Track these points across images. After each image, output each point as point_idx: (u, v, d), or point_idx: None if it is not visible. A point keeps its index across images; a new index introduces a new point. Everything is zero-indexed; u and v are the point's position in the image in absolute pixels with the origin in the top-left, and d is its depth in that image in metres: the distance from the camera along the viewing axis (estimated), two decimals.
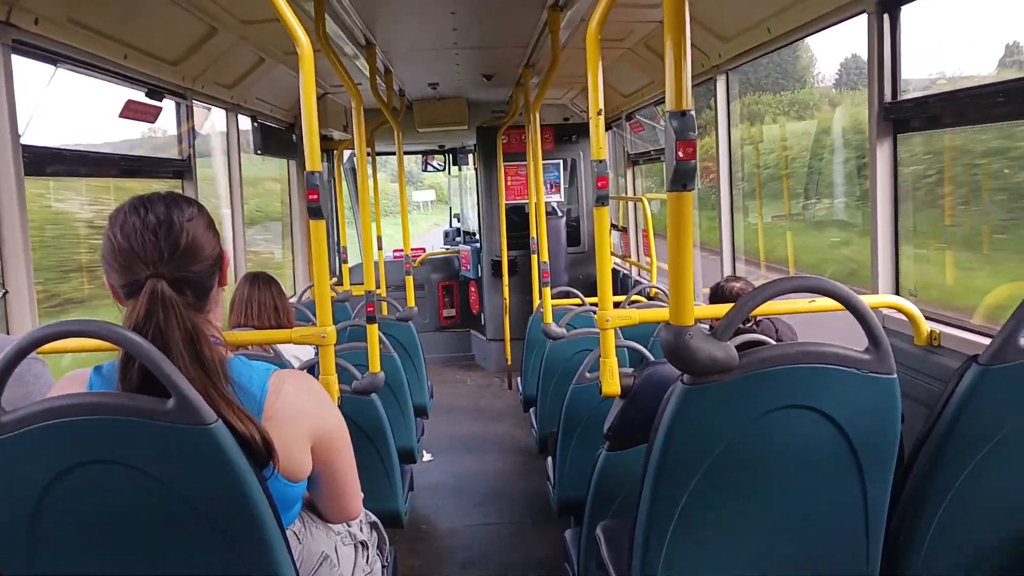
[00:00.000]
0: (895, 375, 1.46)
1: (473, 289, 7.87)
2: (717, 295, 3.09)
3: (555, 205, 7.42)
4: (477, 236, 7.89)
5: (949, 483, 1.60)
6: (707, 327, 1.45)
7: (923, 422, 1.63)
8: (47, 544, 1.27)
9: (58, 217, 4.46)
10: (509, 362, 6.78)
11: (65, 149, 3.06)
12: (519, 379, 5.01)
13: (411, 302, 5.03)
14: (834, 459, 1.48)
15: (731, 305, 1.45)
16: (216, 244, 1.43)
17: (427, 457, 5.17)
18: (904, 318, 2.46)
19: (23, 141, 2.55)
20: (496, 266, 7.07)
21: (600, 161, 2.45)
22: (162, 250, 1.33)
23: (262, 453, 1.31)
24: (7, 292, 2.02)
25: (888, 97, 2.69)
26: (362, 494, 1.72)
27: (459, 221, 9.23)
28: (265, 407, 1.39)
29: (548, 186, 7.34)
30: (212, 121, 4.68)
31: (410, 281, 5.16)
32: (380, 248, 6.39)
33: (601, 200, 2.51)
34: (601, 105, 2.33)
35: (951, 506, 1.62)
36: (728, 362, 1.37)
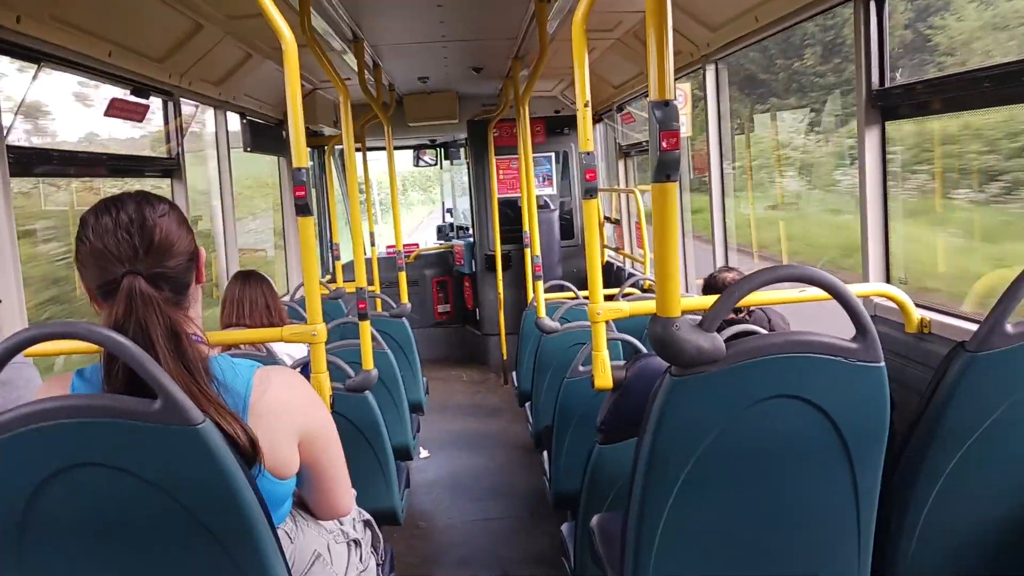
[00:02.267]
0: (883, 363, 1.45)
1: (467, 284, 7.85)
2: (710, 286, 3.09)
3: (547, 198, 7.40)
4: (470, 231, 7.88)
5: (939, 469, 1.60)
6: (700, 318, 1.45)
7: (914, 410, 1.63)
8: (37, 548, 1.26)
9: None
10: (505, 357, 6.78)
11: (51, 149, 3.04)
12: (515, 374, 5.00)
13: (404, 298, 5.02)
14: (823, 448, 1.48)
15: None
16: (191, 240, 1.43)
17: (424, 454, 5.17)
18: (895, 306, 2.46)
19: (8, 141, 2.53)
20: (490, 261, 7.05)
21: (588, 153, 2.44)
22: (136, 247, 1.32)
23: (248, 451, 1.30)
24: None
25: (876, 84, 2.68)
26: (353, 491, 1.71)
27: (452, 216, 9.21)
28: (251, 404, 1.38)
29: (540, 179, 7.32)
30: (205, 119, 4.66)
31: (403, 277, 5.15)
32: (373, 244, 6.37)
33: (590, 192, 2.50)
34: (588, 96, 2.31)
35: (941, 492, 1.62)
36: (715, 353, 1.36)
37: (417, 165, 8.98)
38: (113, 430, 1.21)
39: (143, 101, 3.50)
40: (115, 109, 3.31)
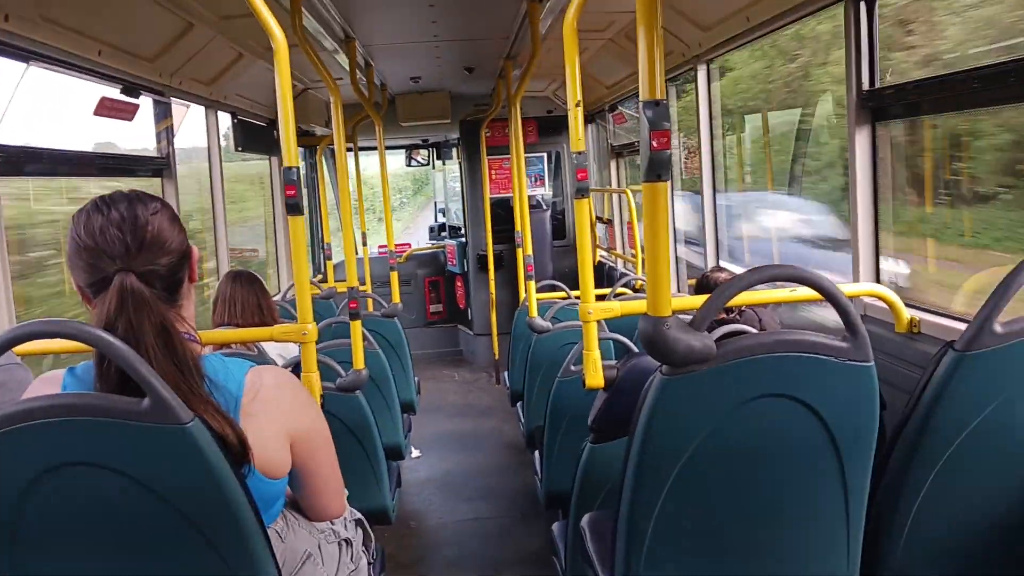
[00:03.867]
0: (872, 363, 1.46)
1: (459, 284, 7.85)
2: (702, 286, 3.10)
3: (540, 198, 7.41)
4: (462, 231, 7.87)
5: (928, 469, 1.61)
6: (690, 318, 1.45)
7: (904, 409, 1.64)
8: (28, 546, 1.26)
9: None
10: (496, 356, 6.78)
11: (41, 148, 3.02)
12: (506, 373, 5.00)
13: (396, 298, 5.01)
14: (813, 447, 1.49)
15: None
16: (183, 238, 1.42)
17: (415, 453, 5.16)
18: (885, 305, 2.47)
19: None
20: (482, 260, 7.05)
21: (580, 153, 2.44)
22: (128, 244, 1.32)
23: (237, 451, 1.30)
24: None
25: (866, 84, 2.69)
26: (346, 491, 1.71)
27: (444, 216, 9.20)
28: (243, 404, 1.38)
29: (532, 179, 7.32)
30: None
31: (395, 277, 5.14)
32: (364, 244, 6.36)
33: (581, 192, 2.50)
34: (580, 96, 2.31)
35: (930, 492, 1.63)
36: (706, 352, 1.37)
37: (409, 165, 8.97)
38: (102, 429, 1.20)
39: (133, 100, 3.49)
40: (105, 108, 3.30)
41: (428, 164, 8.91)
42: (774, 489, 1.53)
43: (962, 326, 2.32)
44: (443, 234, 8.72)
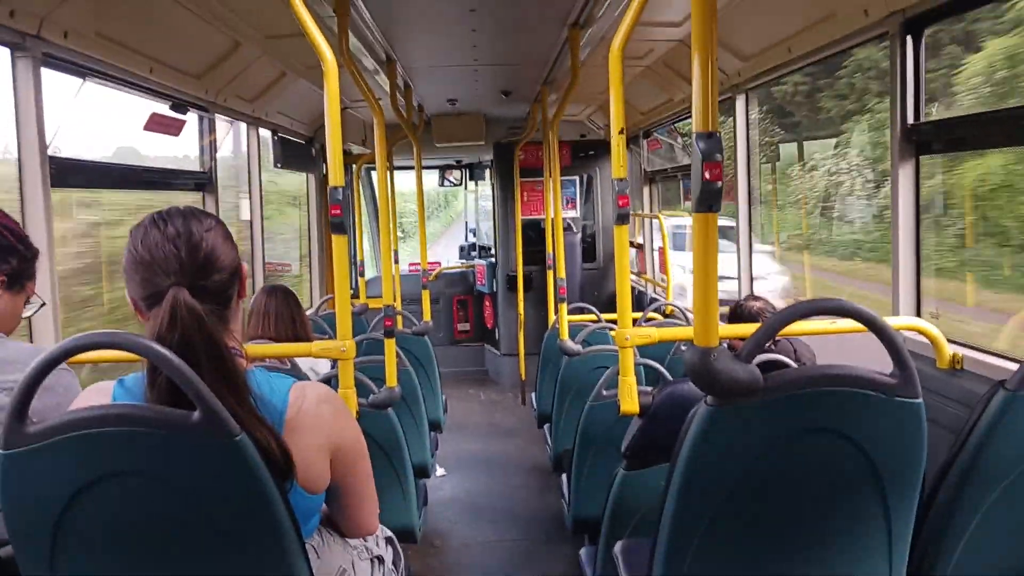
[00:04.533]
0: (921, 399, 1.44)
1: (488, 304, 7.87)
2: (737, 315, 3.08)
3: (571, 221, 7.42)
4: (492, 251, 7.91)
5: (974, 511, 1.57)
6: (725, 346, 1.45)
7: (945, 447, 1.61)
8: (70, 554, 1.27)
9: None
10: (523, 377, 6.77)
11: (90, 161, 3.10)
12: (533, 395, 4.99)
13: (427, 316, 5.03)
14: (858, 484, 1.47)
15: (753, 325, 1.44)
16: (235, 255, 1.45)
17: (440, 472, 5.15)
18: (926, 340, 2.44)
19: (50, 152, 2.59)
20: (511, 281, 7.07)
21: (621, 179, 2.45)
22: (183, 260, 1.35)
23: (281, 465, 1.31)
24: (44, 304, 2.04)
25: (911, 119, 2.68)
26: (379, 508, 1.72)
27: (475, 236, 9.26)
28: (287, 419, 1.40)
29: (564, 202, 7.35)
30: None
31: (426, 295, 5.17)
32: (396, 262, 6.42)
33: (622, 218, 2.51)
34: (623, 124, 2.33)
35: (975, 534, 1.59)
36: (753, 384, 1.36)
37: (442, 185, 9.05)
38: (152, 440, 1.22)
39: (181, 116, 3.57)
40: (154, 123, 3.38)
41: (461, 184, 8.98)
42: (816, 524, 1.51)
43: (1005, 363, 2.29)
44: (473, 254, 8.76)
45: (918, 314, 2.75)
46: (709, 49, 1.37)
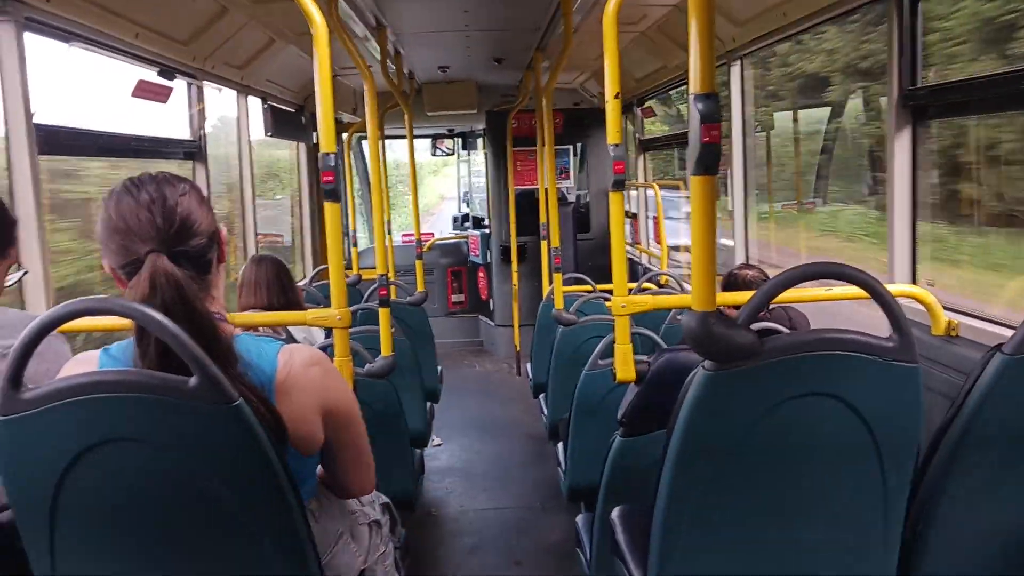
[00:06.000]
0: (918, 364, 1.44)
1: (482, 275, 7.86)
2: (730, 283, 3.07)
3: (564, 191, 7.39)
4: (486, 221, 7.87)
5: (970, 474, 1.58)
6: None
7: (940, 413, 1.62)
8: (70, 521, 1.27)
9: None
10: (518, 348, 6.79)
11: (78, 129, 3.05)
12: (528, 365, 5.01)
13: (421, 286, 5.02)
14: (855, 448, 1.47)
15: (748, 292, 1.43)
16: (212, 219, 1.44)
17: (436, 441, 5.18)
18: (921, 307, 2.44)
19: (36, 120, 2.55)
20: (505, 252, 7.05)
21: (616, 145, 2.43)
22: (158, 226, 1.34)
23: (273, 429, 1.31)
24: (26, 272, 2.02)
25: (907, 83, 2.65)
26: (374, 465, 1.72)
27: (468, 206, 9.20)
28: (277, 382, 1.40)
29: (558, 172, 7.30)
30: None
31: (420, 265, 5.15)
32: (389, 232, 6.38)
33: (617, 185, 2.49)
34: (618, 88, 2.30)
35: (971, 497, 1.61)
36: (751, 349, 1.36)
37: (434, 154, 8.98)
38: (148, 406, 1.22)
39: (168, 83, 3.51)
40: (141, 90, 3.32)
41: (453, 153, 8.91)
42: (813, 488, 1.51)
43: (1001, 330, 2.29)
44: (466, 224, 8.72)
45: (914, 281, 2.75)
46: (706, 9, 1.35)
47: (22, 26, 2.45)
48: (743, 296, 2.56)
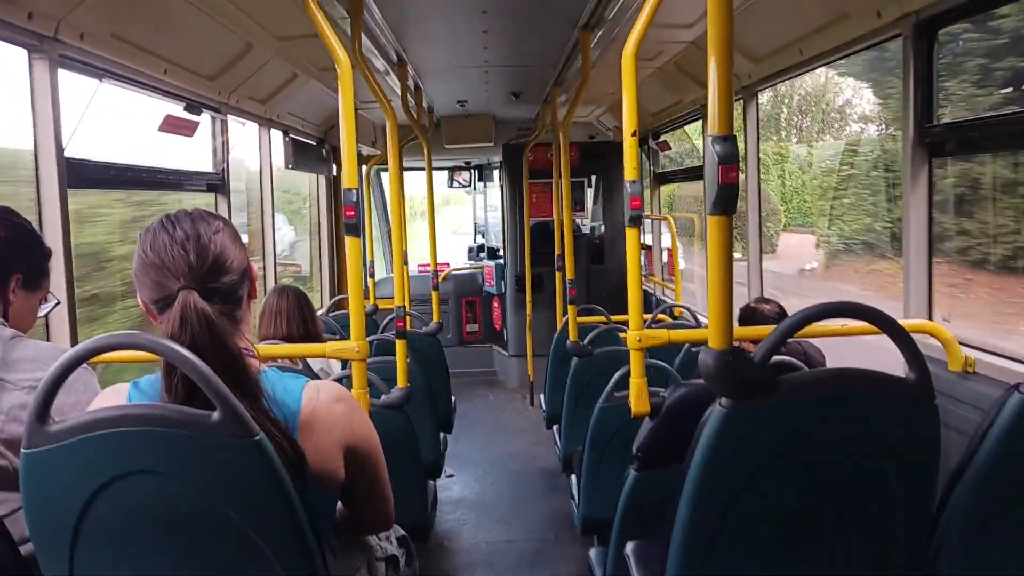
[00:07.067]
0: (936, 401, 1.44)
1: (496, 305, 7.88)
2: (747, 317, 3.08)
3: (579, 223, 7.42)
4: (501, 252, 7.92)
5: (988, 514, 1.57)
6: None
7: (957, 450, 1.61)
8: (89, 553, 1.28)
9: None
10: (531, 378, 6.78)
11: (105, 162, 3.13)
12: (541, 396, 5.00)
13: (436, 317, 5.05)
14: (873, 485, 1.47)
15: (766, 328, 1.45)
16: (244, 256, 1.46)
17: (449, 472, 5.17)
18: (937, 343, 2.43)
19: (67, 154, 2.61)
20: (520, 282, 7.08)
21: (633, 182, 2.46)
22: (191, 263, 1.36)
23: (295, 465, 1.32)
24: (58, 303, 2.06)
25: (924, 120, 2.67)
26: (393, 500, 1.73)
27: (483, 237, 9.26)
28: (301, 418, 1.41)
29: (573, 203, 7.35)
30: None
31: (436, 296, 5.18)
32: (405, 263, 6.43)
33: (634, 220, 2.51)
34: (636, 126, 2.34)
35: (989, 537, 1.59)
36: (768, 387, 1.37)
37: (451, 186, 9.06)
38: (171, 440, 1.23)
39: (194, 118, 3.59)
40: (169, 125, 3.40)
41: (470, 186, 9.00)
42: (831, 525, 1.51)
43: (1018, 367, 2.28)
44: (481, 255, 8.77)
45: (930, 317, 2.75)
46: (724, 50, 1.38)
47: (56, 63, 2.53)
48: (760, 331, 2.56)
